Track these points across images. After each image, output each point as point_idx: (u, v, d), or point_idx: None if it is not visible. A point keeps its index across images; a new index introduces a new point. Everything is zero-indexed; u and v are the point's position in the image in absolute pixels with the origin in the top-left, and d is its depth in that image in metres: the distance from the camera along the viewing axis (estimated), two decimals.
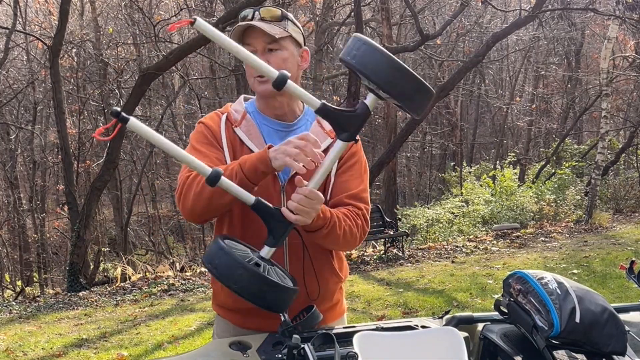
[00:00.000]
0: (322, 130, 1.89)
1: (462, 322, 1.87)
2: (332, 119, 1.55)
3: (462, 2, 11.10)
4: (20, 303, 8.37)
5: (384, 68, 1.46)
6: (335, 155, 1.60)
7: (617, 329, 1.62)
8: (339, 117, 1.54)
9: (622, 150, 14.93)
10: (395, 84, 1.47)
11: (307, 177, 1.63)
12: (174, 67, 11.41)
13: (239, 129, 1.83)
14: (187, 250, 15.95)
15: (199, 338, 5.56)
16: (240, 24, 1.79)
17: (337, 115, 1.54)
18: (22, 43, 13.44)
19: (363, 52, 1.47)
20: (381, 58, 1.46)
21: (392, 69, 1.46)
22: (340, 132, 1.56)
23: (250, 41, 1.79)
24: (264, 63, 1.54)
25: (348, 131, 1.55)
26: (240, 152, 1.82)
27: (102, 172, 9.38)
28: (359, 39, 1.48)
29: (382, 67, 1.46)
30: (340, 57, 1.53)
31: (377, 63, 1.46)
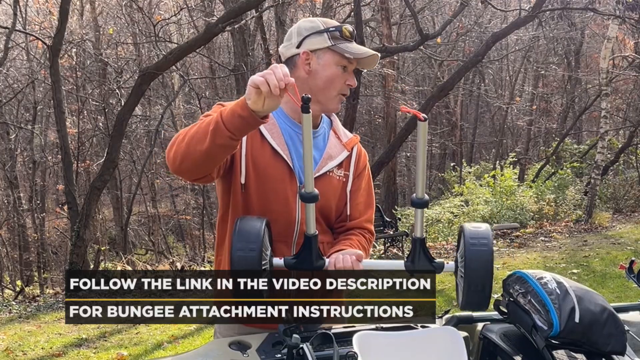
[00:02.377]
0: (339, 142, 1.95)
1: (461, 322, 1.87)
2: (422, 253, 1.76)
3: (462, 2, 11.09)
4: (20, 303, 8.37)
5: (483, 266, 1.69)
6: (389, 266, 1.78)
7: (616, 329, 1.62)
8: (426, 256, 1.76)
9: (622, 150, 14.92)
10: (477, 277, 1.67)
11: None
12: (174, 67, 11.40)
13: (264, 126, 1.82)
14: (187, 250, 15.94)
15: (199, 338, 5.56)
16: (360, 47, 1.85)
17: (425, 254, 1.76)
18: (22, 43, 13.43)
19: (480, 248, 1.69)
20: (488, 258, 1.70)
21: (487, 270, 1.69)
22: (412, 261, 1.74)
23: (354, 62, 1.87)
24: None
25: (416, 267, 1.74)
26: (261, 147, 1.83)
27: (102, 172, 9.37)
28: (489, 238, 1.71)
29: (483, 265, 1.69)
30: (465, 236, 1.71)
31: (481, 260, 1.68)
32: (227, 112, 1.61)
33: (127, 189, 16.74)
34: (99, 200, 10.71)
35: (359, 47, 1.86)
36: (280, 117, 1.90)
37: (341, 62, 1.85)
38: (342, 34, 1.85)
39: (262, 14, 12.17)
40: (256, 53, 14.52)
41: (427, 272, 1.73)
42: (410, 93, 17.21)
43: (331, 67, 1.85)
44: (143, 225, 17.40)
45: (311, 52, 1.86)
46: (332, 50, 1.85)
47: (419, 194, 1.66)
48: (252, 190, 1.84)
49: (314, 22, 1.90)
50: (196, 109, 15.31)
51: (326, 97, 1.87)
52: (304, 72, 1.87)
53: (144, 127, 15.61)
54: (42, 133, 15.22)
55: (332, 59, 1.85)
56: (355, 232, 1.96)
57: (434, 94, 11.09)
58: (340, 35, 1.85)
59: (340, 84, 1.87)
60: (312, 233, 1.70)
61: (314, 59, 1.86)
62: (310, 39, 1.86)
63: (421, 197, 1.66)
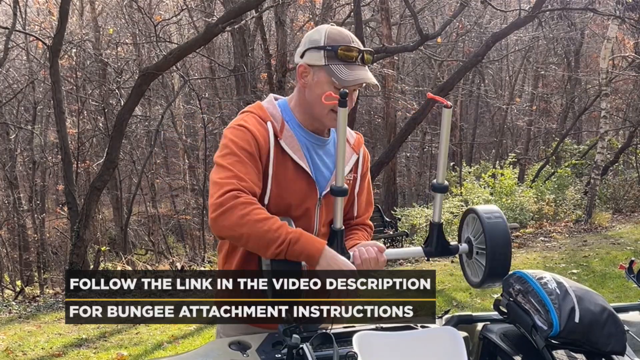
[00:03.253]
0: (348, 144, 1.96)
1: (461, 322, 1.87)
2: (440, 237, 1.89)
3: (461, 2, 11.09)
4: (20, 303, 8.37)
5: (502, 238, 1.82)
6: (409, 254, 2.02)
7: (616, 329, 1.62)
8: (442, 240, 1.90)
9: (622, 150, 14.92)
10: (497, 248, 1.81)
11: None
12: (174, 67, 11.41)
13: (282, 140, 1.84)
14: (187, 250, 15.94)
15: (199, 338, 5.57)
16: (355, 73, 1.81)
17: (442, 238, 1.90)
18: (21, 43, 13.43)
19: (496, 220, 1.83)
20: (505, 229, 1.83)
21: (507, 240, 1.82)
22: (429, 245, 1.89)
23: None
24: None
25: (434, 248, 1.89)
26: (283, 162, 1.83)
27: (101, 172, 9.37)
28: (500, 212, 1.86)
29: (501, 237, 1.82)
30: (479, 214, 1.86)
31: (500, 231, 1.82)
32: (296, 250, 1.66)
33: (127, 189, 16.75)
34: (98, 201, 10.71)
35: (350, 72, 1.79)
36: (295, 128, 1.89)
37: (333, 83, 1.80)
38: (337, 55, 1.79)
39: (262, 14, 12.17)
40: (256, 53, 14.53)
41: (444, 256, 1.90)
42: (410, 93, 17.21)
43: (323, 86, 1.81)
44: (143, 226, 17.40)
45: (309, 66, 1.84)
46: (324, 70, 1.81)
47: (440, 180, 1.79)
48: (273, 204, 1.83)
49: (319, 34, 1.84)
50: (196, 109, 15.31)
51: (318, 113, 1.85)
52: (301, 85, 1.87)
53: (144, 128, 15.61)
54: (42, 133, 15.22)
55: (325, 78, 1.81)
56: (359, 228, 2.02)
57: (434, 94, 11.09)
58: (335, 56, 1.80)
59: (332, 103, 1.82)
60: (339, 227, 1.77)
61: (310, 74, 1.84)
62: (310, 53, 1.83)
63: (441, 183, 1.80)
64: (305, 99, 1.87)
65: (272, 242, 1.65)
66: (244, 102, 12.89)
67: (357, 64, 1.82)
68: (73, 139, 13.45)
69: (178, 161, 18.56)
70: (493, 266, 1.81)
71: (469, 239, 1.91)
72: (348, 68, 1.80)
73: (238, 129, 1.81)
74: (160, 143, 17.26)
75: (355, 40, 1.86)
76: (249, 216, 1.66)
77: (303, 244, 1.65)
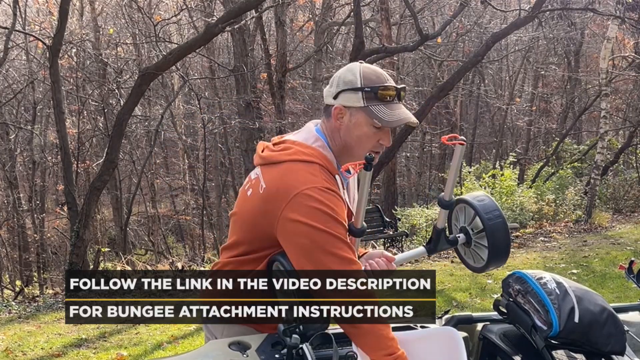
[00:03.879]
0: (353, 169, 1.96)
1: (461, 322, 1.87)
2: (442, 237, 2.01)
3: (461, 2, 11.09)
4: (20, 303, 8.37)
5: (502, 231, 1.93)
6: (414, 255, 2.05)
7: (616, 329, 1.62)
8: (441, 236, 2.00)
9: (622, 150, 14.93)
10: (499, 247, 1.91)
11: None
12: (174, 67, 11.40)
13: (345, 193, 1.85)
14: (187, 250, 15.94)
15: (199, 338, 5.56)
16: (397, 112, 1.79)
17: (444, 237, 2.01)
18: (21, 43, 13.42)
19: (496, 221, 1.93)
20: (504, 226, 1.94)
21: (507, 236, 1.93)
22: (430, 243, 2.01)
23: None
24: None
25: (435, 246, 2.00)
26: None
27: (101, 172, 9.37)
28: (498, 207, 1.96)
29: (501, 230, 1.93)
30: (473, 204, 1.98)
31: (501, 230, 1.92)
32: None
33: (127, 189, 16.75)
34: (98, 201, 10.71)
35: (392, 112, 1.77)
36: (341, 176, 1.87)
37: (374, 124, 1.78)
38: (377, 96, 1.77)
39: (261, 14, 12.18)
40: (256, 53, 14.53)
41: (445, 249, 2.01)
42: (410, 93, 17.20)
43: (362, 127, 1.79)
44: (143, 226, 17.40)
45: (345, 108, 1.80)
46: (364, 111, 1.78)
47: (447, 198, 1.96)
48: None
49: (354, 75, 1.80)
50: (196, 109, 15.31)
51: (357, 154, 1.83)
52: (337, 126, 1.83)
53: (143, 128, 15.61)
54: (42, 133, 15.22)
55: (364, 119, 1.78)
56: None
57: (433, 94, 11.09)
58: (375, 96, 1.77)
59: (371, 143, 1.81)
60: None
61: (347, 115, 1.81)
62: (346, 94, 1.80)
63: (449, 200, 1.96)
64: (341, 139, 1.84)
65: (378, 350, 1.60)
66: (244, 101, 12.91)
67: (395, 102, 1.80)
68: (73, 139, 13.45)
69: (178, 161, 18.56)
70: (495, 258, 1.90)
71: (464, 228, 2.00)
72: (388, 108, 1.78)
73: (329, 193, 1.73)
74: (160, 143, 17.26)
75: (389, 78, 1.84)
76: (374, 329, 1.62)
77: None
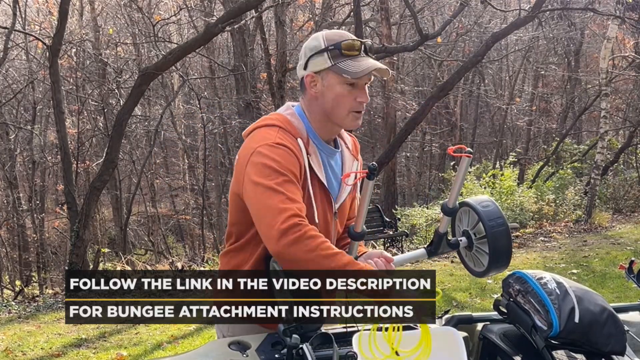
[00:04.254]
0: (348, 152, 1.96)
1: (461, 322, 1.87)
2: (443, 241, 1.97)
3: (461, 2, 11.09)
4: (20, 303, 8.37)
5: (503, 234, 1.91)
6: (414, 257, 2.04)
7: (616, 329, 1.62)
8: (443, 240, 1.98)
9: (622, 150, 14.93)
10: (500, 254, 1.90)
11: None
12: (174, 67, 11.41)
13: (310, 157, 1.80)
14: (187, 250, 15.94)
15: (198, 338, 5.57)
16: (364, 62, 1.78)
17: (445, 240, 1.98)
18: (21, 43, 13.42)
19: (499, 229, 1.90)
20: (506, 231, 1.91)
21: (509, 243, 1.91)
22: (430, 246, 1.98)
23: (363, 77, 1.79)
24: None
25: (436, 249, 1.98)
26: (312, 181, 1.79)
27: (101, 172, 9.37)
28: (501, 213, 1.92)
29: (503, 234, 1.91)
30: (477, 209, 1.92)
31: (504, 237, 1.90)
32: (352, 272, 1.62)
33: (127, 189, 16.75)
34: (98, 201, 10.71)
35: (359, 63, 1.77)
36: (315, 140, 1.86)
37: (346, 81, 1.78)
38: (341, 51, 1.77)
39: (261, 14, 12.17)
40: (256, 53, 14.53)
41: (446, 252, 1.99)
42: (410, 93, 17.21)
43: (335, 88, 1.79)
44: (142, 226, 17.40)
45: (315, 74, 1.80)
46: (332, 70, 1.78)
47: (450, 205, 1.93)
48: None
49: (317, 41, 1.81)
50: (196, 109, 15.31)
51: (338, 117, 1.82)
52: (312, 95, 1.83)
53: (143, 128, 15.61)
54: (42, 133, 15.21)
55: (335, 79, 1.78)
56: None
57: (433, 94, 11.10)
58: (340, 53, 1.77)
59: (349, 102, 1.80)
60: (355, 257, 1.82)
61: (319, 81, 1.81)
62: (313, 60, 1.80)
63: (452, 207, 1.93)
64: (319, 108, 1.83)
65: (329, 264, 1.61)
66: (244, 101, 12.90)
67: (362, 55, 1.80)
68: (73, 139, 13.45)
69: (178, 161, 18.56)
70: (495, 265, 1.89)
71: (467, 232, 1.97)
72: (355, 61, 1.77)
73: (278, 148, 1.72)
74: (159, 143, 17.26)
75: (352, 35, 1.85)
76: (315, 252, 1.61)
77: (359, 272, 1.62)
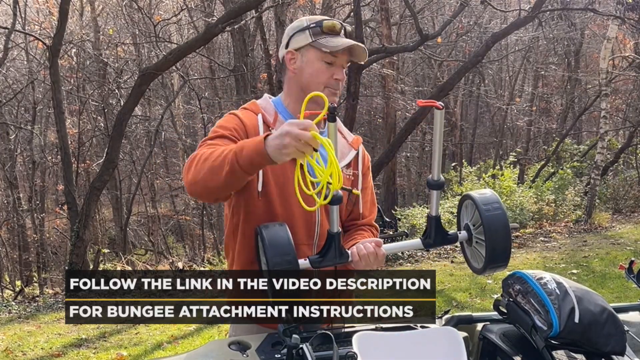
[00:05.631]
0: (346, 142, 1.98)
1: (461, 322, 1.87)
2: (439, 228, 1.83)
3: (461, 2, 11.09)
4: (20, 303, 8.37)
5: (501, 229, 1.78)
6: (408, 247, 1.96)
7: (616, 329, 1.62)
8: (440, 231, 1.83)
9: (622, 150, 14.93)
10: (496, 241, 1.76)
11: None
12: (174, 67, 11.40)
13: (274, 129, 1.82)
14: (187, 250, 15.94)
15: (198, 338, 5.57)
16: (342, 40, 1.84)
17: (441, 229, 1.83)
18: (21, 43, 13.42)
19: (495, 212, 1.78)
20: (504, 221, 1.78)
21: (507, 232, 1.78)
22: (428, 237, 1.83)
23: (340, 55, 1.85)
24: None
25: (433, 240, 1.83)
26: None
27: (101, 172, 9.37)
28: (499, 201, 1.80)
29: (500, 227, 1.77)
30: (474, 197, 1.81)
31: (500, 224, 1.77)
32: (244, 157, 1.60)
33: (127, 189, 16.75)
34: (98, 201, 10.71)
35: (337, 41, 1.85)
36: (286, 117, 1.90)
37: (324, 58, 1.86)
38: (322, 29, 1.85)
39: (261, 14, 12.17)
40: (256, 53, 14.52)
41: (444, 245, 1.86)
42: (410, 93, 17.20)
43: (314, 63, 1.87)
44: (142, 226, 17.40)
45: (296, 51, 1.89)
46: (312, 46, 1.86)
47: (435, 177, 1.77)
48: (274, 196, 1.85)
49: (300, 21, 1.92)
50: (196, 109, 15.31)
51: (313, 90, 1.84)
52: (291, 71, 1.91)
53: (143, 128, 15.61)
54: (42, 133, 15.21)
55: (314, 54, 1.86)
56: (365, 229, 2.02)
57: (433, 94, 11.10)
58: (321, 31, 1.86)
59: (325, 78, 1.86)
60: (336, 231, 1.75)
61: (298, 57, 1.89)
62: (295, 38, 1.89)
63: (437, 180, 1.78)
64: (297, 84, 1.91)
65: (223, 166, 1.62)
66: (244, 102, 12.89)
67: (341, 35, 1.88)
68: (73, 139, 13.45)
69: (178, 161, 18.54)
70: (493, 256, 1.78)
71: (468, 226, 1.89)
72: (334, 38, 1.86)
73: (227, 116, 1.88)
74: (160, 143, 17.24)
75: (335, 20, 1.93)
76: (199, 162, 1.68)
77: (248, 149, 1.60)
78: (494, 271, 1.85)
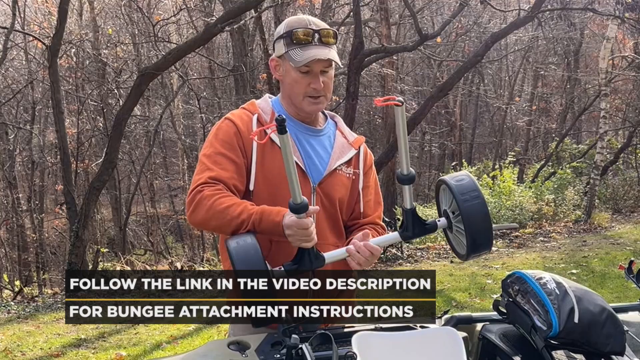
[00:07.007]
0: (346, 141, 1.97)
1: (461, 322, 1.87)
2: (415, 220, 1.79)
3: (461, 2, 11.09)
4: (19, 303, 8.36)
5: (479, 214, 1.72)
6: (387, 241, 1.87)
7: (615, 329, 1.62)
8: (418, 222, 1.79)
9: (621, 150, 14.93)
10: (477, 231, 1.72)
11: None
12: (173, 67, 11.40)
13: (270, 130, 1.81)
14: (186, 250, 15.93)
15: (198, 338, 5.57)
16: (310, 52, 1.79)
17: (418, 220, 1.79)
18: (20, 43, 13.42)
19: (473, 202, 1.72)
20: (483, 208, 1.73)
21: (486, 219, 1.73)
22: (405, 230, 1.80)
23: (312, 65, 1.81)
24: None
25: (410, 231, 1.79)
26: (271, 152, 1.84)
27: (100, 172, 9.37)
28: (476, 187, 1.74)
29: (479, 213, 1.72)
30: (450, 184, 1.75)
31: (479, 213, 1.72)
32: (264, 229, 1.69)
33: (126, 189, 16.74)
34: (97, 201, 10.70)
35: (306, 53, 1.80)
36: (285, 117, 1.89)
37: (298, 68, 1.83)
38: (292, 39, 1.81)
39: (261, 14, 12.16)
40: (255, 53, 14.52)
41: (423, 235, 1.83)
42: (409, 93, 17.20)
43: (291, 74, 1.85)
44: (142, 226, 17.39)
45: (278, 58, 1.89)
46: (285, 57, 1.85)
47: (405, 171, 1.73)
48: (264, 195, 1.84)
49: (281, 26, 1.89)
50: (195, 109, 15.31)
51: (295, 100, 1.89)
52: (278, 78, 1.93)
53: (143, 128, 15.60)
54: (41, 133, 15.21)
55: (289, 65, 1.85)
56: (369, 227, 1.98)
57: (433, 94, 11.09)
58: (291, 41, 1.82)
59: (301, 88, 1.85)
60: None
61: (280, 65, 1.89)
62: (276, 45, 1.89)
63: (407, 174, 1.73)
64: (285, 90, 1.92)
65: (238, 228, 1.70)
66: (243, 101, 12.88)
67: (314, 44, 1.82)
68: (72, 139, 13.44)
69: (177, 161, 18.54)
70: (474, 245, 1.74)
71: (445, 212, 1.83)
72: (302, 49, 1.81)
73: (222, 122, 1.89)
74: (159, 143, 17.25)
75: (316, 22, 1.86)
76: (212, 209, 1.72)
77: (266, 223, 1.69)
78: (478, 257, 1.85)
